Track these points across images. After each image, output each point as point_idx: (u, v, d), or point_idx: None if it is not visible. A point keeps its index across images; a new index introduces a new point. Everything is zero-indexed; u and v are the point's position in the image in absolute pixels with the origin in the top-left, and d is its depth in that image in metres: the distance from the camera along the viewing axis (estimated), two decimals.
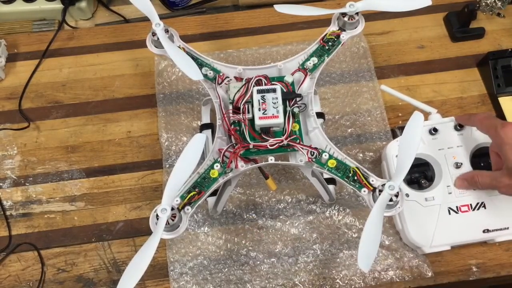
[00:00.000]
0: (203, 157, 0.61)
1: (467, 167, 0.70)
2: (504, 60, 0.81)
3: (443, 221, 0.68)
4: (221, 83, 0.65)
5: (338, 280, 0.70)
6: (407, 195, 0.69)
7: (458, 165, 0.70)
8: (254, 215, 0.75)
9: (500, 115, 0.80)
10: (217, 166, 0.60)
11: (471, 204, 0.69)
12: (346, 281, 0.70)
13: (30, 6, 0.91)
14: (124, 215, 0.75)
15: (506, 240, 0.70)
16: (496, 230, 0.68)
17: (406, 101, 0.76)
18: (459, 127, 0.72)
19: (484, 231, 0.68)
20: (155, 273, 0.71)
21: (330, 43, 0.66)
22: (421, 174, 0.71)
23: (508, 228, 0.68)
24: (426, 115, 0.74)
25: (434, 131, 0.72)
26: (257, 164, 0.61)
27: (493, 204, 0.69)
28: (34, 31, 0.92)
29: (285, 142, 0.60)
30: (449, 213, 0.68)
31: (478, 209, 0.69)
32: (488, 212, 0.68)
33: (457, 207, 0.69)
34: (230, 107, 0.63)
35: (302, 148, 0.60)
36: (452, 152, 0.71)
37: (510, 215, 0.69)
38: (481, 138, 0.71)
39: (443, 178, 0.70)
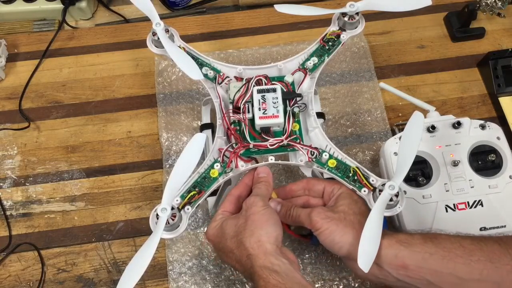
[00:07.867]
0: (203, 157, 0.61)
1: (464, 165, 0.70)
2: (504, 60, 0.81)
3: (440, 218, 0.68)
4: (221, 82, 0.65)
5: (337, 281, 0.70)
6: (404, 192, 0.69)
7: (455, 163, 0.69)
8: None
9: (501, 115, 0.80)
10: (217, 165, 0.60)
11: (468, 202, 0.68)
12: (346, 282, 0.70)
13: (30, 6, 0.91)
14: (124, 215, 0.75)
15: None
16: (493, 228, 0.68)
17: (404, 98, 0.76)
18: (457, 124, 0.72)
19: (481, 229, 0.68)
20: (155, 273, 0.71)
21: (330, 43, 0.66)
22: (418, 172, 0.71)
23: (505, 226, 0.68)
24: (425, 113, 0.74)
25: (432, 128, 0.72)
26: (257, 164, 0.61)
27: (490, 202, 0.68)
28: (34, 31, 0.92)
29: (285, 142, 0.60)
30: (446, 211, 0.68)
31: (475, 207, 0.68)
32: (485, 210, 0.68)
33: (454, 204, 0.68)
34: (230, 106, 0.63)
35: (302, 148, 0.60)
36: (450, 150, 0.71)
37: (507, 213, 0.68)
38: (479, 136, 0.71)
39: (440, 176, 0.69)
